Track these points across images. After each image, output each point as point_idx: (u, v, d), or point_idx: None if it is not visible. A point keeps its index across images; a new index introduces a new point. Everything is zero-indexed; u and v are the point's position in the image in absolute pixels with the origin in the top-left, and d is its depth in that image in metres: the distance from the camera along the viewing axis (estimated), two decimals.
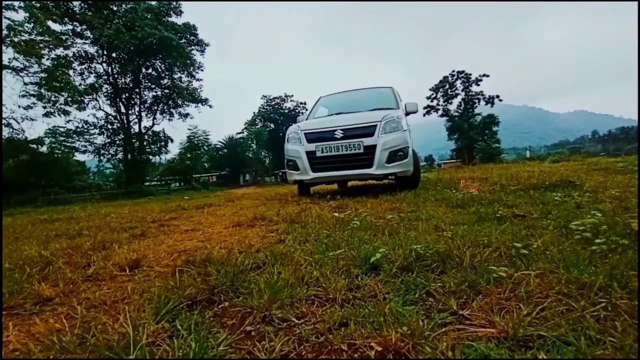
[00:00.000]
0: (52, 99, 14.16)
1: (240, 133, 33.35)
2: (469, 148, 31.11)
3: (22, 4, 11.95)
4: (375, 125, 3.75)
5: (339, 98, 5.61)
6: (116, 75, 18.88)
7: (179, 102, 20.49)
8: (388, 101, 4.79)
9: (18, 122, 13.83)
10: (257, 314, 0.88)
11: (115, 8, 17.61)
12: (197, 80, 20.70)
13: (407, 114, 4.50)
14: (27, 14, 12.09)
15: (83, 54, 17.55)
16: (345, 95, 5.70)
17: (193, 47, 19.94)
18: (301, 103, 39.03)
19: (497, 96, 33.39)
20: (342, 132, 3.82)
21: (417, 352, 0.68)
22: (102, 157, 19.14)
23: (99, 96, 18.55)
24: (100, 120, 18.85)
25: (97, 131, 18.67)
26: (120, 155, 19.68)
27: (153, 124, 20.31)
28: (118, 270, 1.39)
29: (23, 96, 13.47)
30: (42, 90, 13.56)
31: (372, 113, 4.14)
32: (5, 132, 13.53)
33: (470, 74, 33.74)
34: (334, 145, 3.81)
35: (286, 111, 38.29)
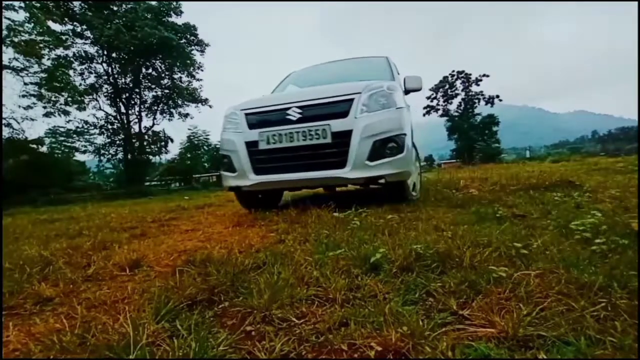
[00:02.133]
0: (52, 99, 14.17)
1: None
2: (469, 148, 31.13)
3: (22, 4, 11.96)
4: (351, 100, 2.48)
5: (316, 72, 4.18)
6: (116, 76, 18.89)
7: (179, 102, 20.50)
8: (379, 73, 3.44)
9: (18, 122, 13.85)
10: (257, 314, 0.88)
11: (115, 8, 17.61)
12: (197, 80, 20.72)
13: (407, 91, 3.35)
14: (27, 14, 12.09)
15: (83, 54, 17.56)
16: (324, 67, 4.28)
17: (193, 47, 19.94)
18: None
19: (497, 96, 33.41)
20: (298, 110, 2.54)
21: (417, 352, 0.68)
22: (102, 157, 19.14)
23: (99, 96, 18.58)
24: (101, 120, 18.86)
25: (97, 131, 18.67)
26: (120, 155, 19.69)
27: (153, 124, 20.32)
28: (118, 270, 1.39)
29: (23, 96, 13.47)
30: (42, 91, 13.57)
31: (349, 83, 2.85)
32: (6, 132, 13.55)
33: (470, 74, 33.78)
34: (286, 131, 2.50)
35: None
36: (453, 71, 34.09)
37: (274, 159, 2.60)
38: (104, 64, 18.38)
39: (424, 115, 37.04)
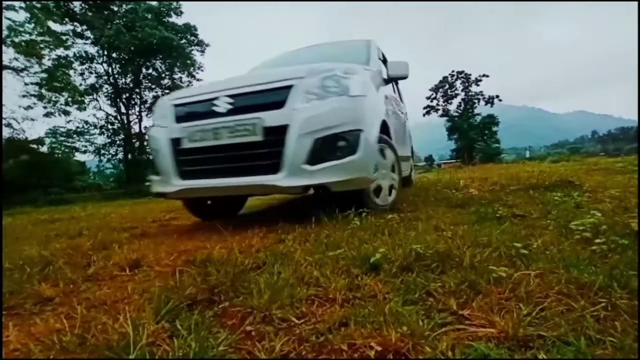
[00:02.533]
0: (53, 99, 14.22)
1: None
2: (469, 148, 31.15)
3: (22, 4, 11.98)
4: (290, 87, 2.00)
5: (287, 57, 3.57)
6: (116, 76, 18.93)
7: None
8: (354, 56, 2.90)
9: (19, 122, 13.88)
10: (257, 313, 0.88)
11: (115, 8, 17.64)
12: (198, 80, 20.74)
13: (390, 79, 2.92)
14: (28, 15, 12.12)
15: (83, 54, 17.60)
16: (297, 52, 3.65)
17: (193, 47, 19.97)
18: None
19: (497, 96, 33.45)
20: (229, 100, 2.07)
21: (417, 352, 0.68)
22: (102, 157, 19.17)
23: (99, 96, 18.64)
24: (101, 120, 18.90)
25: (97, 131, 18.72)
26: (120, 155, 19.73)
27: (153, 124, 20.35)
28: (118, 270, 1.39)
29: (24, 96, 13.51)
30: (43, 91, 13.61)
31: (292, 67, 2.42)
32: (6, 132, 13.59)
33: (470, 74, 33.83)
34: (211, 126, 2.06)
35: None
36: (453, 71, 34.14)
37: (199, 161, 2.14)
38: (104, 64, 18.43)
39: (424, 115, 37.10)
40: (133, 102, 19.82)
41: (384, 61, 3.36)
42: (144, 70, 19.32)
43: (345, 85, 2.06)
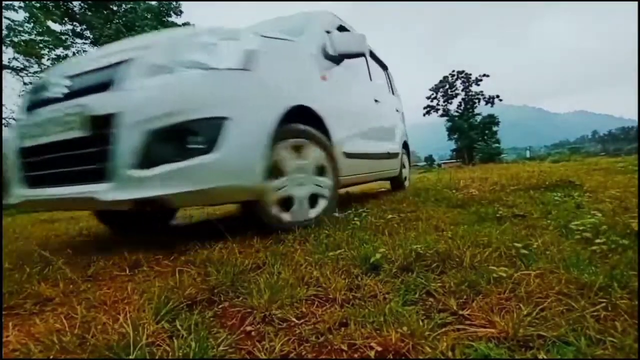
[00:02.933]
0: None
1: None
2: (469, 148, 31.15)
3: (22, 4, 11.98)
4: (124, 62, 1.45)
5: None
6: None
7: None
8: (289, 30, 2.28)
9: None
10: (257, 314, 0.88)
11: (115, 8, 17.64)
12: None
13: (340, 56, 2.32)
14: (27, 14, 12.12)
15: (83, 54, 17.60)
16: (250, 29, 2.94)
17: None
18: None
19: (497, 96, 33.45)
20: (67, 83, 1.58)
21: (417, 352, 0.68)
22: None
23: None
24: None
25: None
26: None
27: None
28: (118, 270, 1.39)
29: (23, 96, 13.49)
30: None
31: (143, 36, 1.85)
32: (5, 132, 13.56)
33: (470, 74, 33.83)
34: (40, 118, 1.61)
35: None
36: (453, 71, 34.15)
37: (33, 165, 1.67)
38: None
39: (424, 115, 37.12)
40: None
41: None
42: None
43: (211, 55, 1.50)
